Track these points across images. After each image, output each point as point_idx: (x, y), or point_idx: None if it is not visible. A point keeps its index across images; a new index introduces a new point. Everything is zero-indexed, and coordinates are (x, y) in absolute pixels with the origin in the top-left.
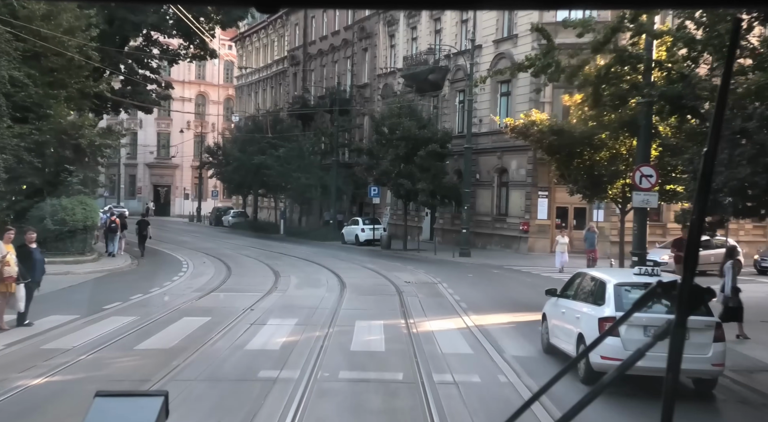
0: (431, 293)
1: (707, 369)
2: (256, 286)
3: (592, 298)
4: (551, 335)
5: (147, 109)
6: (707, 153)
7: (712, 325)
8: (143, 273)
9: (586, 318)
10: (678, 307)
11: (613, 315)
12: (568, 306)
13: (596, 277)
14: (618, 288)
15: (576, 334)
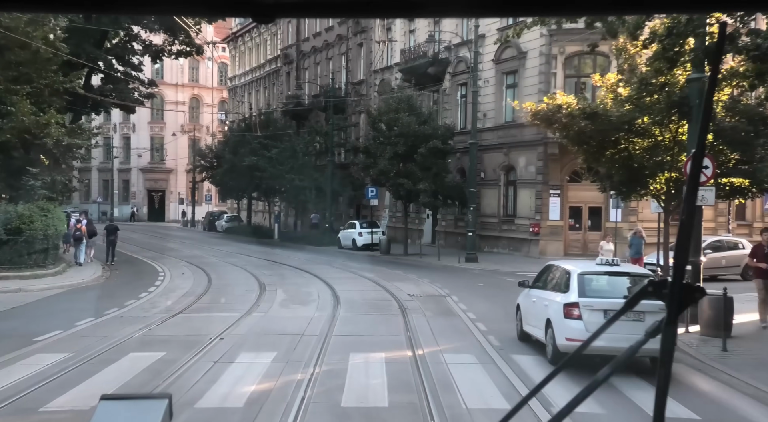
0: (440, 310)
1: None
2: (234, 304)
3: (559, 287)
4: (524, 323)
5: (129, 109)
6: (695, 154)
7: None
8: (109, 288)
9: (553, 304)
10: (669, 306)
11: (576, 300)
12: (538, 295)
13: (563, 268)
14: (581, 276)
15: (545, 320)
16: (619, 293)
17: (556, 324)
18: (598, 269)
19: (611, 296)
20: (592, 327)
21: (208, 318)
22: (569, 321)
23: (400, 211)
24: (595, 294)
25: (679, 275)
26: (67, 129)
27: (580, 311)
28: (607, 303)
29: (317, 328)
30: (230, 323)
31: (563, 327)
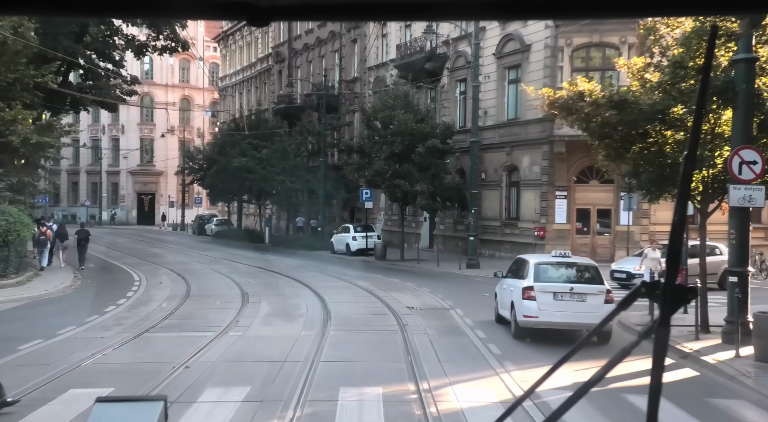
0: (444, 327)
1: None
2: (211, 320)
3: (521, 275)
4: (499, 307)
5: (111, 107)
6: (687, 156)
7: (604, 291)
8: (73, 301)
9: (516, 289)
10: (662, 307)
11: (531, 284)
12: (508, 283)
13: (525, 259)
14: (537, 265)
15: (510, 302)
16: (567, 279)
17: (516, 305)
18: (552, 260)
19: (559, 281)
20: (544, 306)
21: (177, 339)
22: (526, 301)
23: (396, 213)
24: (547, 279)
25: (671, 276)
26: (36, 126)
27: (534, 293)
28: (555, 286)
29: (302, 352)
30: (201, 345)
31: (522, 306)
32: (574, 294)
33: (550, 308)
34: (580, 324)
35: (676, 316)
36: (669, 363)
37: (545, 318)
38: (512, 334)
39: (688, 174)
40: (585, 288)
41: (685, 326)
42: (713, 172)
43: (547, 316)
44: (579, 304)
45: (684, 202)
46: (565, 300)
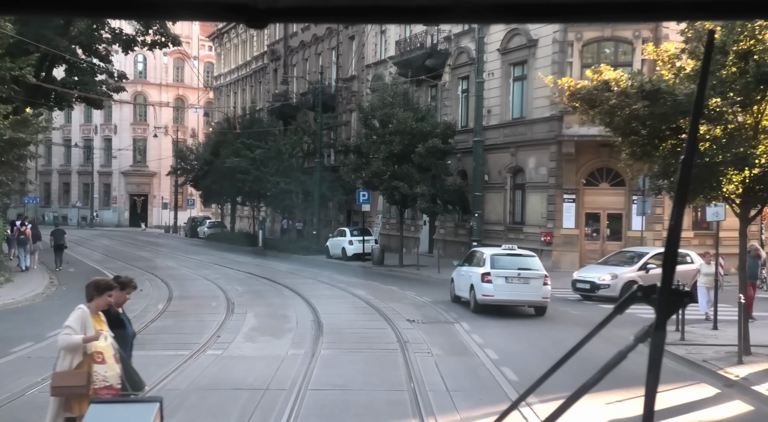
0: (450, 345)
1: (540, 301)
2: (188, 336)
3: (479, 263)
4: (456, 290)
5: (96, 103)
6: (684, 160)
7: (543, 276)
8: (41, 311)
9: (475, 275)
10: (657, 311)
11: (489, 271)
12: (465, 270)
13: (481, 252)
14: (492, 256)
15: (469, 285)
16: (515, 267)
17: (476, 286)
18: (503, 252)
19: (509, 268)
20: (498, 287)
21: (146, 359)
22: (484, 284)
23: (395, 217)
24: (501, 267)
25: (667, 280)
26: (10, 121)
27: (491, 277)
28: (507, 272)
29: (288, 376)
30: (172, 368)
31: (480, 288)
32: (520, 278)
33: (503, 289)
34: (525, 301)
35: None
36: (714, 394)
37: (499, 296)
38: (471, 309)
39: (686, 177)
40: (529, 273)
41: (721, 346)
42: (756, 172)
43: (500, 295)
44: (524, 286)
45: (681, 207)
46: (514, 283)
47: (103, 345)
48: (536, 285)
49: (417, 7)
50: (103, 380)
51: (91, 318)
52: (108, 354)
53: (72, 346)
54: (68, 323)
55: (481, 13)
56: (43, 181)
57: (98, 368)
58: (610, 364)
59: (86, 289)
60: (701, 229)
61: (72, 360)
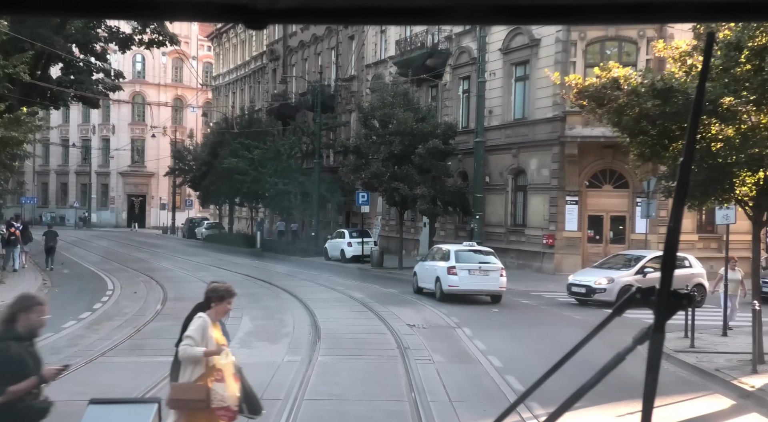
0: (452, 351)
1: (497, 290)
2: None
3: (444, 258)
4: (419, 281)
5: (93, 102)
6: (683, 162)
7: (500, 269)
8: None
9: (441, 268)
10: (656, 313)
11: (454, 264)
12: (430, 264)
13: (446, 248)
14: (456, 252)
15: (435, 277)
16: (476, 261)
17: (442, 278)
18: (465, 248)
19: (471, 262)
20: (462, 278)
21: (136, 366)
22: (450, 276)
23: (394, 218)
24: (464, 261)
25: (666, 282)
26: (2, 120)
27: (456, 270)
28: (469, 266)
29: (284, 385)
30: (162, 375)
31: (447, 279)
32: (481, 270)
33: (466, 280)
34: (485, 291)
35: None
36: (730, 406)
37: (463, 286)
38: (437, 298)
39: (685, 179)
40: (488, 267)
41: (733, 354)
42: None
43: (464, 285)
44: (484, 277)
45: (680, 209)
46: (475, 275)
47: (224, 362)
48: (494, 277)
49: (416, 8)
50: (221, 400)
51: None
52: (228, 373)
53: (193, 359)
54: (189, 333)
55: (481, 15)
56: (40, 182)
57: (217, 386)
58: (608, 366)
59: (205, 295)
60: (706, 232)
61: (192, 372)
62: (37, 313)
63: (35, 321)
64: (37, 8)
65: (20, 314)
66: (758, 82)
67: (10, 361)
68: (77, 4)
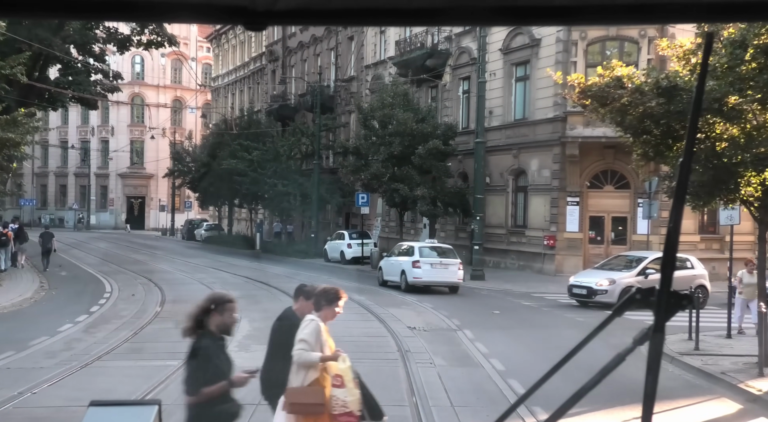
0: (453, 354)
1: (455, 282)
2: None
3: (408, 253)
4: (384, 275)
5: (90, 103)
6: (682, 163)
7: (457, 263)
8: (27, 316)
9: (405, 262)
10: (656, 313)
11: (418, 259)
12: (395, 259)
13: (409, 244)
14: (419, 248)
15: (401, 270)
16: (436, 256)
17: (407, 271)
18: (427, 245)
19: (432, 257)
20: (425, 271)
21: (133, 370)
22: (414, 269)
23: (394, 219)
24: (425, 256)
25: (666, 283)
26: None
27: (420, 264)
28: (431, 260)
29: None
30: (159, 380)
31: (411, 272)
32: (441, 264)
33: (428, 273)
34: (445, 282)
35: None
36: (737, 410)
37: (426, 278)
38: (402, 289)
39: (684, 180)
40: (447, 261)
41: (739, 357)
42: None
43: (427, 277)
44: (444, 270)
45: (680, 209)
46: (436, 268)
47: (343, 367)
48: (453, 270)
49: (416, 10)
50: (343, 405)
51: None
52: (348, 378)
53: (309, 365)
54: (303, 337)
55: (481, 15)
56: (39, 183)
57: (337, 392)
58: (608, 367)
59: (315, 298)
60: (708, 233)
61: (306, 375)
62: (228, 311)
63: (227, 319)
64: (36, 10)
65: (212, 313)
66: (764, 80)
67: (208, 361)
68: (76, 5)
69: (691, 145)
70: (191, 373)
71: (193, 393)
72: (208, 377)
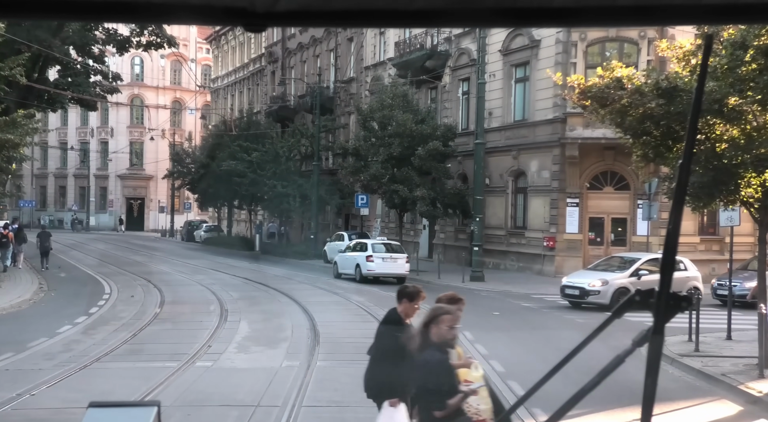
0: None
1: (403, 273)
2: (178, 345)
3: (362, 249)
4: (339, 269)
5: (90, 105)
6: (682, 164)
7: (405, 257)
8: (27, 317)
9: (360, 257)
10: (656, 315)
11: (371, 254)
12: (350, 254)
13: (363, 241)
14: (372, 244)
15: (355, 264)
16: (387, 250)
17: (362, 265)
18: (378, 241)
19: (384, 252)
20: (377, 264)
21: (132, 371)
22: (368, 263)
23: (394, 221)
24: (378, 251)
25: (665, 284)
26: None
27: (373, 258)
28: (382, 255)
29: (282, 390)
30: (158, 381)
31: (365, 265)
32: (391, 258)
33: (380, 265)
34: (394, 274)
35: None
36: (737, 412)
37: (378, 270)
38: (357, 280)
39: (684, 181)
40: (396, 255)
41: (739, 358)
42: None
43: (379, 270)
44: (393, 263)
45: (679, 210)
46: (387, 261)
47: (475, 374)
48: (401, 263)
49: (416, 11)
50: (476, 413)
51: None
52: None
53: None
54: None
55: (479, 17)
56: (39, 185)
57: (470, 400)
58: (608, 369)
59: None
60: (707, 234)
61: None
62: (443, 323)
63: (443, 331)
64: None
65: (431, 325)
66: (764, 81)
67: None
68: (75, 6)
69: (691, 146)
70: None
71: (442, 408)
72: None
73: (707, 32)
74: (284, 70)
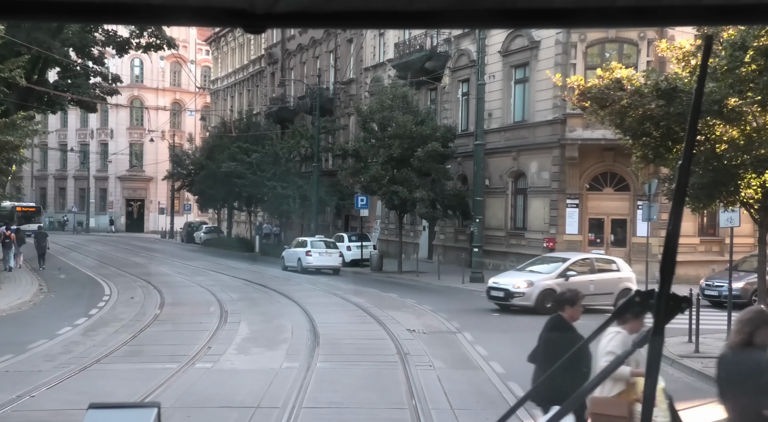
0: (453, 357)
1: (337, 266)
2: (177, 346)
3: (303, 246)
4: (286, 262)
5: (90, 106)
6: (682, 165)
7: (338, 252)
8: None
9: (301, 252)
10: (655, 316)
11: (310, 249)
12: (294, 250)
13: (303, 239)
14: (311, 241)
15: (297, 258)
16: (324, 247)
17: (302, 259)
18: (317, 239)
19: (321, 248)
20: (315, 258)
21: (131, 373)
22: (308, 256)
23: (394, 222)
24: (316, 247)
25: (665, 285)
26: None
27: (312, 252)
28: (320, 249)
29: (282, 392)
30: (158, 383)
31: (305, 259)
32: (327, 253)
33: (318, 259)
34: (329, 266)
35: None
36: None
37: (315, 263)
38: (299, 270)
39: (684, 182)
40: (331, 251)
41: None
42: None
43: (316, 263)
44: (329, 257)
45: (679, 211)
46: (323, 255)
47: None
48: (335, 257)
49: (415, 12)
50: None
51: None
52: (660, 398)
53: (619, 378)
54: (611, 349)
55: (479, 18)
56: (38, 186)
57: None
58: (608, 370)
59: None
60: (707, 235)
61: (612, 387)
62: None
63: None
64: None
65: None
66: (763, 82)
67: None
68: (75, 8)
69: (691, 147)
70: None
71: None
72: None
73: (707, 33)
74: (284, 71)
